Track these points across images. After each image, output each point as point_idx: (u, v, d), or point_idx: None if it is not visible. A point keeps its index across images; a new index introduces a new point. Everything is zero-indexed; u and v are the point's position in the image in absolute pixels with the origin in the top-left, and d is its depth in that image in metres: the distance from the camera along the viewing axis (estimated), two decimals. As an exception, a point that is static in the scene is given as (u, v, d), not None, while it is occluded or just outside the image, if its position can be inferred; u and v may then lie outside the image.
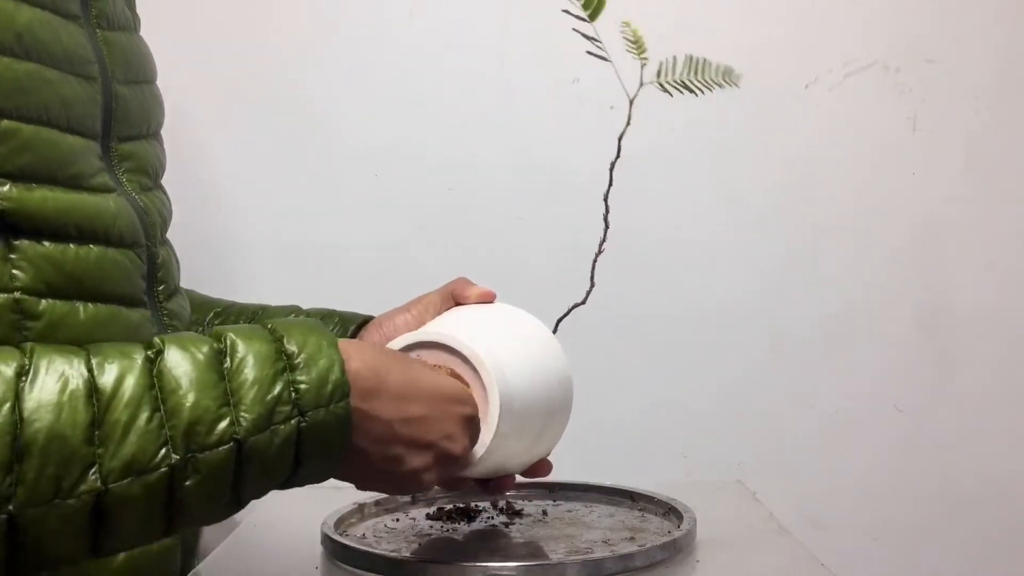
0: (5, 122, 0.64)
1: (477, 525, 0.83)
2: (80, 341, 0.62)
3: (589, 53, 0.77)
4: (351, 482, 0.66)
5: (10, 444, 0.53)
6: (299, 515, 0.89)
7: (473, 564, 0.69)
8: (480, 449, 0.70)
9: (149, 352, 0.58)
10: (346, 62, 1.27)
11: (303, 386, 0.59)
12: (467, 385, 0.71)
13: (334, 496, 0.90)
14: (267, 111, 1.27)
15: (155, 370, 0.57)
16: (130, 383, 0.56)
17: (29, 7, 0.67)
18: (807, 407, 1.30)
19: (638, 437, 1.26)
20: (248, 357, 0.59)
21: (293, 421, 0.58)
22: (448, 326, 0.74)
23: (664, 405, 1.28)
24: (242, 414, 0.57)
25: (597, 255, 0.84)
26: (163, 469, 0.55)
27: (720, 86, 0.80)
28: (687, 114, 1.28)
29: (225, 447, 0.57)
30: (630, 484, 0.91)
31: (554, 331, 0.80)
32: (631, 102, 0.76)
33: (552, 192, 1.28)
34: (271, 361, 0.59)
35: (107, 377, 0.56)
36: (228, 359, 0.59)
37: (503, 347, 0.73)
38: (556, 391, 0.76)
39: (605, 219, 0.84)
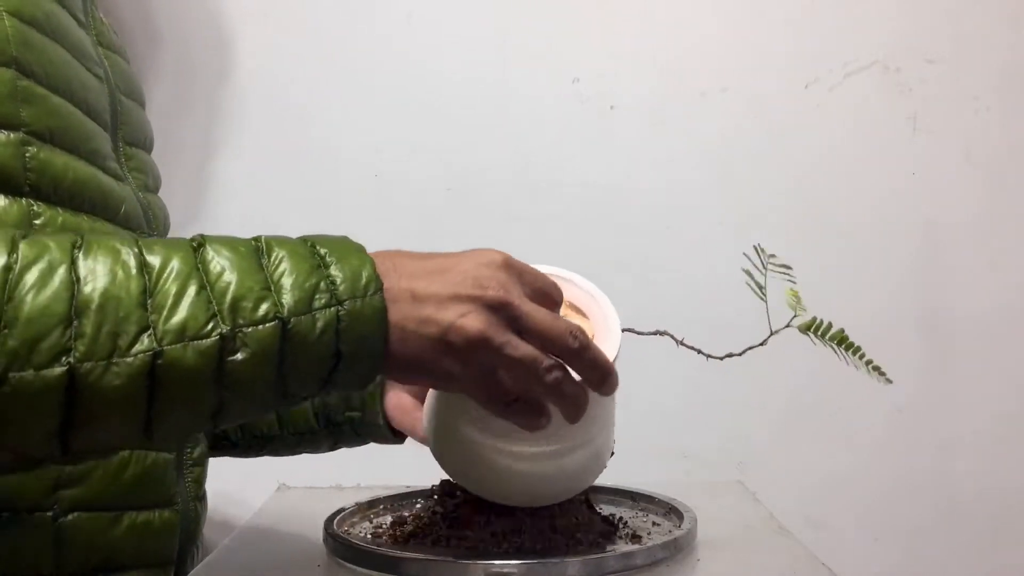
0: (38, 88, 0.69)
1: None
2: None
3: (749, 285, 0.81)
4: (400, 375, 0.66)
5: (68, 300, 0.54)
6: (301, 514, 0.90)
7: (473, 563, 0.69)
8: (611, 352, 0.69)
9: (192, 243, 0.60)
10: (346, 62, 1.27)
11: (338, 279, 0.60)
12: (577, 306, 0.73)
13: (336, 495, 0.90)
14: (266, 111, 1.27)
15: (199, 257, 0.58)
16: (177, 262, 0.57)
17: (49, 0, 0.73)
18: (807, 407, 1.30)
19: (638, 437, 1.26)
20: (284, 255, 0.60)
21: (332, 309, 0.59)
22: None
23: (664, 405, 1.28)
24: (283, 297, 0.58)
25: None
26: (214, 337, 0.56)
27: (862, 370, 0.82)
28: (686, 112, 1.29)
29: (270, 324, 0.57)
30: (630, 484, 0.91)
31: None
32: (772, 332, 0.80)
33: (552, 192, 1.28)
34: (306, 258, 0.60)
35: (155, 256, 0.57)
36: (265, 256, 0.60)
37: None
38: None
39: (696, 350, 0.83)
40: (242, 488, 0.96)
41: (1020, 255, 1.29)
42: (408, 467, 0.89)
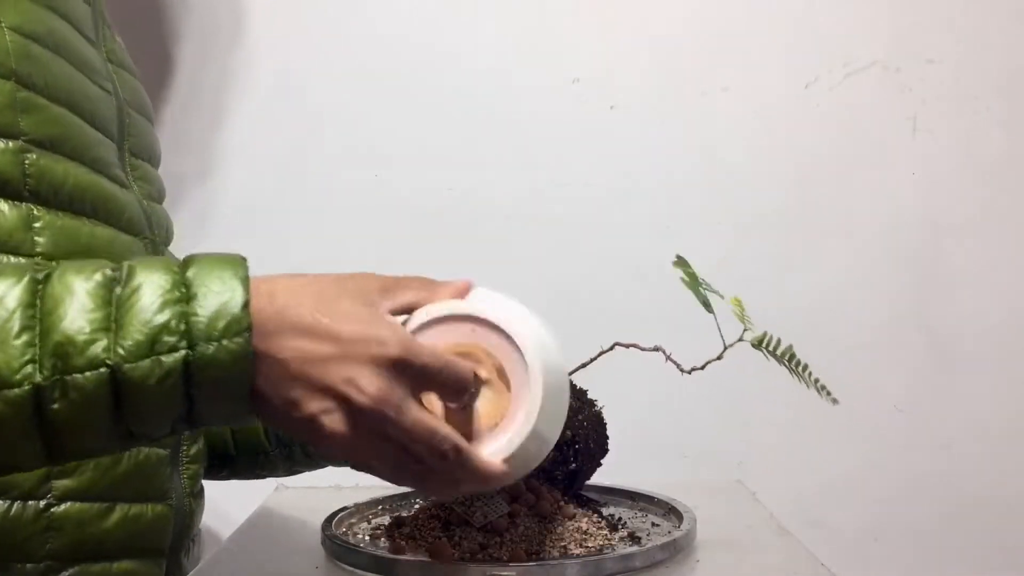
0: (39, 99, 0.71)
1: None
2: None
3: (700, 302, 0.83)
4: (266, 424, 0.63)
5: None
6: (299, 515, 0.89)
7: (471, 565, 0.69)
8: (510, 446, 0.62)
9: (39, 274, 0.56)
10: (346, 62, 1.27)
11: (195, 317, 0.55)
12: (506, 374, 0.62)
13: (335, 496, 0.90)
14: (266, 111, 1.27)
15: (41, 290, 0.55)
16: (11, 300, 0.54)
17: (55, 15, 0.74)
18: (807, 407, 1.29)
19: (638, 437, 1.26)
20: (142, 284, 0.56)
21: (180, 353, 0.54)
22: (482, 303, 0.64)
23: (664, 405, 1.28)
24: (120, 340, 0.54)
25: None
26: (26, 387, 0.53)
27: (810, 388, 0.84)
28: (686, 112, 1.29)
29: (95, 372, 0.54)
30: (630, 484, 0.91)
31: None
32: (726, 347, 0.81)
33: (552, 192, 1.28)
34: (165, 290, 0.56)
35: None
36: (120, 286, 0.56)
37: (544, 338, 0.64)
38: (567, 397, 0.67)
39: (677, 365, 0.83)
40: (242, 485, 0.96)
41: (1020, 255, 1.29)
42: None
